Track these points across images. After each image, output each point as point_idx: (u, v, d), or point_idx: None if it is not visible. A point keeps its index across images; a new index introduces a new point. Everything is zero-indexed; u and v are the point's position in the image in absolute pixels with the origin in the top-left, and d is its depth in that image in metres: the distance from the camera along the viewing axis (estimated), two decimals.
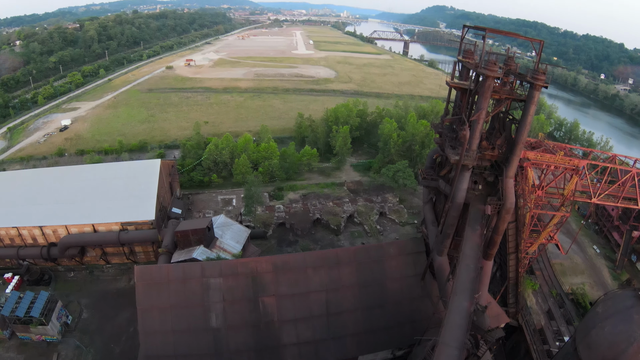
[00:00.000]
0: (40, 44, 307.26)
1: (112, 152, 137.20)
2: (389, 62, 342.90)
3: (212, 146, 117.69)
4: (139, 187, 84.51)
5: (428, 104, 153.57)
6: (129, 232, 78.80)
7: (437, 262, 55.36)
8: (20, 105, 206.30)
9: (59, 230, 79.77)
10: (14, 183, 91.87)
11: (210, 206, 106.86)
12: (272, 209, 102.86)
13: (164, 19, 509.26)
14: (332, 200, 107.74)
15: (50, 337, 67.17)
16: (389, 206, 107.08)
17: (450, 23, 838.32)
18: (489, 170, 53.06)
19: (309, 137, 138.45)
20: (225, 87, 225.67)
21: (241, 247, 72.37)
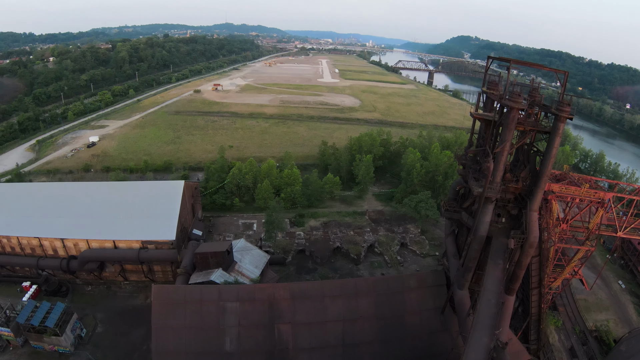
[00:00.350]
0: (73, 61, 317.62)
1: (137, 171, 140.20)
2: (413, 92, 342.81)
3: (236, 170, 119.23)
4: (161, 206, 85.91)
5: (452, 135, 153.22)
6: (149, 250, 79.78)
7: (458, 295, 54.32)
8: (50, 119, 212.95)
9: (80, 244, 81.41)
10: (39, 194, 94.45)
11: (231, 229, 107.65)
12: (293, 236, 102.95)
13: (194, 44, 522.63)
14: (353, 229, 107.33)
15: (63, 348, 68.06)
16: (410, 237, 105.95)
17: (474, 53, 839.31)
18: (513, 203, 52.24)
19: (332, 164, 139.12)
20: (251, 113, 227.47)
21: (259, 272, 72.26)
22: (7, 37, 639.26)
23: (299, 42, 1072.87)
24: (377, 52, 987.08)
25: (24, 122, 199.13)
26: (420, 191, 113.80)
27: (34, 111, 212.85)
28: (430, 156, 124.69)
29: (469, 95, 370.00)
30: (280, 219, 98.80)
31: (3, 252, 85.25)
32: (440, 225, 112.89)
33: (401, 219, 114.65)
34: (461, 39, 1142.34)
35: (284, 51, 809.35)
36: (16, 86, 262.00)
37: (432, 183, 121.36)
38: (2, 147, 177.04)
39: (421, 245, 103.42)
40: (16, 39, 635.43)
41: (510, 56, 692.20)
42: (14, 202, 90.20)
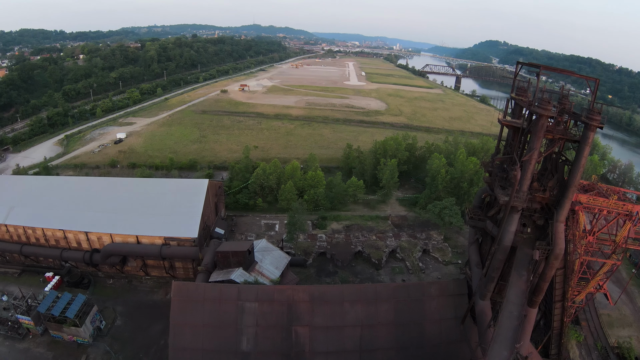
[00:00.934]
0: (102, 59, 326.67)
1: (162, 168, 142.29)
2: (440, 97, 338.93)
3: (260, 170, 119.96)
4: (185, 204, 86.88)
5: (478, 141, 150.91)
6: (171, 247, 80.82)
7: (479, 306, 53.22)
8: (79, 115, 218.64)
9: (104, 238, 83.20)
10: (65, 188, 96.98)
11: (253, 229, 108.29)
12: (314, 238, 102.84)
13: (222, 44, 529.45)
14: (375, 234, 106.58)
15: (81, 339, 69.55)
16: (433, 244, 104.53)
17: (503, 59, 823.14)
18: (539, 213, 50.88)
19: (356, 168, 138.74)
20: (276, 114, 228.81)
21: (280, 273, 72.43)
22: (38, 34, 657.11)
23: (325, 44, 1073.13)
24: (404, 55, 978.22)
25: (53, 117, 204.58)
26: (444, 197, 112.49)
27: (63, 107, 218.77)
28: (455, 162, 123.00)
29: (497, 101, 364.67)
30: (302, 220, 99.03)
31: (28, 243, 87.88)
32: (464, 233, 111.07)
33: (424, 225, 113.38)
34: (489, 43, 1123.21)
35: (311, 53, 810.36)
36: (46, 82, 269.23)
37: (456, 190, 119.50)
38: (31, 140, 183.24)
39: (444, 253, 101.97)
40: (47, 36, 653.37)
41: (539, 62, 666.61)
42: (41, 195, 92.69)
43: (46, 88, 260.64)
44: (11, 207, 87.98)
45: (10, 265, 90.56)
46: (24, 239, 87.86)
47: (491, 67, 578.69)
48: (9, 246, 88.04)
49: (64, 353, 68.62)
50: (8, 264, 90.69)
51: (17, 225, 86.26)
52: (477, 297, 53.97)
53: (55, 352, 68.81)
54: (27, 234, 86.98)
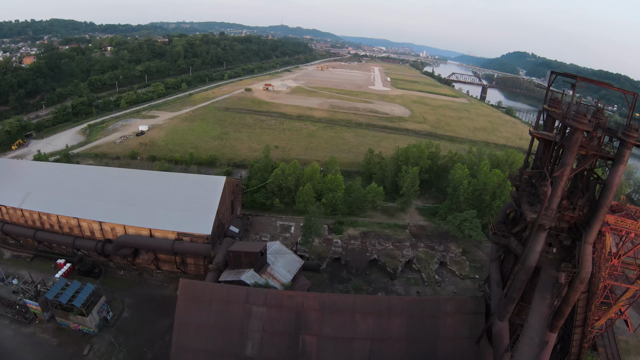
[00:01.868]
0: (129, 52, 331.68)
1: (182, 163, 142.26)
2: (465, 106, 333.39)
3: (279, 171, 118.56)
4: (200, 200, 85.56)
5: (503, 153, 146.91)
6: (184, 242, 79.82)
7: (497, 327, 50.64)
8: (103, 105, 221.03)
9: (117, 229, 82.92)
10: (82, 176, 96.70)
11: (268, 230, 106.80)
12: (330, 243, 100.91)
13: (248, 43, 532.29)
14: (392, 242, 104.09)
15: (87, 328, 69.03)
16: (450, 256, 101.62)
17: (530, 71, 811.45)
18: (566, 233, 48.15)
19: (376, 174, 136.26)
20: (299, 115, 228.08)
21: (292, 277, 70.53)
22: (67, 24, 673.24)
23: (352, 48, 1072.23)
24: (430, 63, 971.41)
25: (78, 106, 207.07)
26: (465, 209, 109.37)
27: (88, 97, 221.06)
28: (478, 174, 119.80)
29: (523, 114, 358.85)
30: (318, 224, 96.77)
31: (42, 229, 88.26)
32: (483, 247, 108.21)
33: (443, 237, 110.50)
34: (517, 54, 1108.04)
35: (337, 56, 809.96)
36: (73, 71, 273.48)
37: (478, 202, 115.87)
38: (55, 128, 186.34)
39: (461, 266, 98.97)
40: (76, 27, 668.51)
41: None
42: (58, 182, 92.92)
43: (72, 77, 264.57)
44: (28, 192, 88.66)
45: (24, 249, 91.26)
46: (38, 224, 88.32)
47: (518, 79, 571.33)
48: (23, 231, 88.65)
49: (68, 341, 68.30)
50: (22, 248, 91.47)
51: (32, 211, 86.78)
52: (495, 317, 51.36)
53: (60, 339, 68.57)
54: (41, 220, 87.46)
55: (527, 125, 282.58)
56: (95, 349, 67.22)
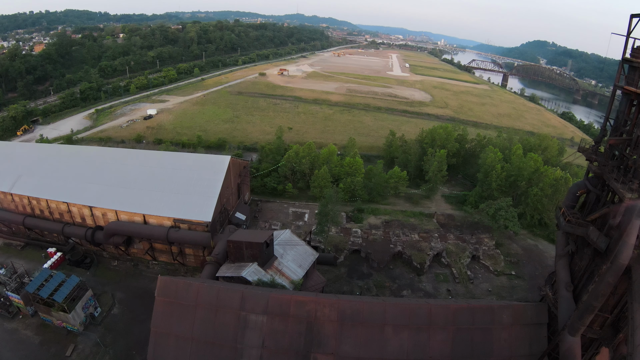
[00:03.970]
0: (141, 38, 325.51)
1: (189, 146, 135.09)
2: (487, 92, 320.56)
3: (292, 153, 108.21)
4: (201, 182, 75.49)
5: (535, 138, 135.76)
6: (180, 230, 70.02)
7: (567, 344, 39.04)
8: (112, 91, 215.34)
9: (109, 214, 73.94)
10: (77, 158, 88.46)
11: (279, 217, 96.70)
12: (348, 233, 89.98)
13: (263, 30, 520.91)
14: (419, 233, 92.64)
15: (71, 326, 61.26)
16: (483, 249, 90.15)
17: (551, 59, 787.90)
18: None
19: (399, 158, 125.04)
20: (315, 99, 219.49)
21: (303, 273, 59.45)
22: (82, 14, 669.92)
23: (369, 35, 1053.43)
24: (448, 51, 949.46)
25: (86, 91, 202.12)
26: (497, 197, 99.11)
27: (97, 82, 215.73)
28: (512, 158, 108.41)
29: (545, 102, 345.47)
30: (336, 211, 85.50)
31: (32, 215, 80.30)
32: (517, 240, 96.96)
33: (473, 227, 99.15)
34: (537, 43, 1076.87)
35: (354, 43, 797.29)
36: (84, 58, 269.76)
37: (511, 189, 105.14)
38: (62, 113, 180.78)
39: (495, 261, 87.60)
40: (91, 17, 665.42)
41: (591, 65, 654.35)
42: (50, 164, 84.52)
43: (83, 64, 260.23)
44: (19, 175, 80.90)
45: (16, 237, 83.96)
46: (28, 210, 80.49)
47: (540, 67, 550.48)
48: (13, 216, 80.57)
49: (51, 339, 60.62)
50: (14, 236, 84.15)
51: (22, 195, 78.83)
52: (565, 331, 39.65)
53: (42, 337, 61.04)
54: (31, 205, 79.59)
55: (552, 113, 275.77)
56: (79, 349, 59.22)
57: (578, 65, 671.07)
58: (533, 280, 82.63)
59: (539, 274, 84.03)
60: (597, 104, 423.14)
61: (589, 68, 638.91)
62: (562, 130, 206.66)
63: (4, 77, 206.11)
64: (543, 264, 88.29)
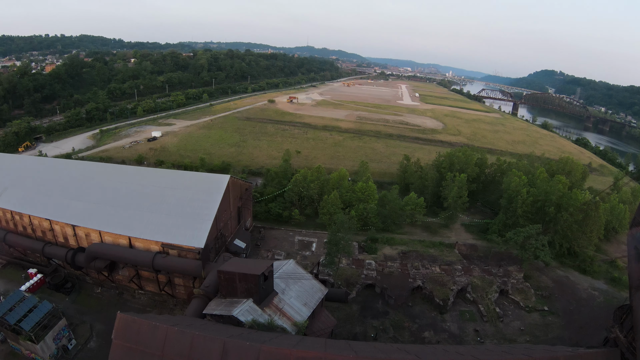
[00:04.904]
0: (152, 63, 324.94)
1: (191, 169, 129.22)
2: (499, 120, 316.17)
3: (300, 177, 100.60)
4: (195, 204, 67.58)
5: (558, 161, 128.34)
6: (168, 257, 61.44)
7: None
8: (118, 112, 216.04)
9: (92, 235, 66.52)
10: (66, 172, 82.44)
11: (283, 246, 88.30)
12: (361, 265, 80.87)
13: (274, 60, 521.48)
14: (440, 265, 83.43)
15: (40, 358, 53.98)
16: (512, 282, 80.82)
17: (559, 88, 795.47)
18: None
19: (414, 183, 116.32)
20: (324, 125, 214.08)
21: (309, 312, 49.87)
22: (96, 40, 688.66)
23: (378, 67, 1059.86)
24: (457, 82, 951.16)
25: (92, 112, 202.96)
26: (523, 224, 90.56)
27: (104, 103, 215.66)
28: (537, 182, 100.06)
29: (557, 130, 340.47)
30: (348, 239, 76.46)
31: (15, 231, 74.23)
32: (547, 271, 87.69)
33: (498, 258, 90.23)
34: (545, 73, 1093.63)
35: (363, 74, 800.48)
36: (94, 80, 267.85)
37: (538, 215, 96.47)
38: (66, 132, 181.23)
39: (525, 296, 78.21)
40: (105, 43, 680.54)
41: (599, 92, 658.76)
42: (39, 177, 78.90)
43: (93, 86, 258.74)
44: (5, 188, 75.78)
45: None
46: (11, 225, 74.85)
47: (549, 96, 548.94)
48: None
49: None
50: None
51: (5, 209, 73.34)
52: None
53: None
54: (14, 220, 73.86)
55: (565, 140, 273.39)
56: None
57: (587, 93, 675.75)
58: (568, 316, 74.49)
59: (574, 309, 76.23)
60: (609, 130, 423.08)
61: (597, 95, 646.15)
62: (578, 157, 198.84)
63: (12, 94, 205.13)
64: (576, 297, 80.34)
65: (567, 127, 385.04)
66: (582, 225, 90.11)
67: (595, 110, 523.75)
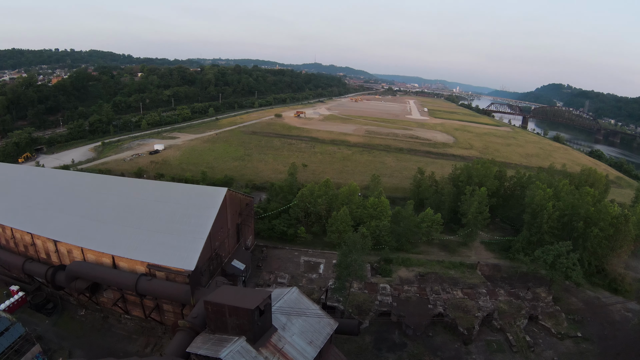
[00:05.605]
0: (159, 77, 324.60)
1: (192, 182, 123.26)
2: (510, 134, 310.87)
3: (307, 191, 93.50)
4: (187, 220, 60.16)
5: (582, 173, 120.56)
6: (153, 280, 53.99)
7: None
8: (122, 125, 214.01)
9: (74, 252, 59.93)
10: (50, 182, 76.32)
11: (287, 268, 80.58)
12: (374, 289, 73.00)
13: (281, 76, 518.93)
14: (462, 289, 75.52)
15: None
16: (541, 306, 72.76)
17: (567, 102, 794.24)
18: None
19: (429, 199, 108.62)
20: (332, 139, 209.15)
21: (315, 353, 41.20)
22: (106, 55, 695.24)
23: (385, 84, 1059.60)
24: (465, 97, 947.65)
25: (95, 124, 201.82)
26: (549, 241, 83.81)
27: (108, 115, 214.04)
28: (561, 195, 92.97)
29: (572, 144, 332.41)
30: (360, 262, 67.74)
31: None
32: (577, 292, 79.81)
33: (523, 279, 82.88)
34: (552, 87, 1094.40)
35: (371, 90, 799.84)
36: (100, 93, 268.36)
37: (565, 231, 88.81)
38: (68, 144, 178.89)
39: (557, 321, 70.44)
40: (114, 59, 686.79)
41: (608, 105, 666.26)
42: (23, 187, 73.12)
43: (98, 99, 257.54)
44: None
45: None
46: None
47: (558, 109, 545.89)
48: None
49: None
50: None
51: None
52: None
53: None
54: None
55: (579, 152, 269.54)
56: None
57: (595, 105, 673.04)
58: (603, 342, 67.01)
59: (608, 334, 69.03)
60: (619, 142, 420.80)
61: (606, 108, 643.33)
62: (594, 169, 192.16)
63: (16, 105, 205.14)
64: (610, 320, 73.54)
65: (577, 140, 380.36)
66: (611, 241, 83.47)
67: (605, 123, 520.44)
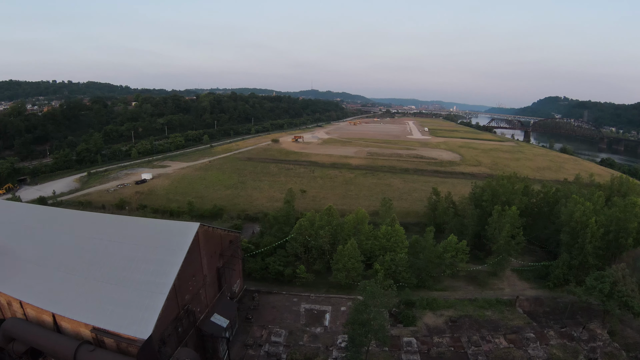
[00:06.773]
0: (153, 106, 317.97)
1: (178, 214, 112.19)
2: (516, 148, 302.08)
3: (306, 221, 78.29)
4: (147, 266, 44.90)
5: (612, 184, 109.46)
6: (96, 351, 37.94)
7: None
8: (111, 154, 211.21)
9: (14, 306, 45.02)
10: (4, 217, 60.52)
11: (284, 320, 64.46)
12: (397, 345, 57.42)
13: (278, 102, 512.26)
14: (505, 334, 60.63)
15: None
16: (599, 346, 58.37)
17: (565, 113, 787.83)
18: None
19: (449, 223, 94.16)
20: (333, 163, 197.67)
21: None
22: (103, 87, 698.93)
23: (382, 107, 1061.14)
24: (463, 116, 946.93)
25: (82, 153, 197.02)
26: (594, 264, 72.84)
27: (96, 144, 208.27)
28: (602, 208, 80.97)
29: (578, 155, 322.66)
30: (383, 319, 50.00)
31: None
32: (631, 322, 65.38)
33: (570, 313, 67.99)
34: (549, 100, 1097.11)
35: (369, 113, 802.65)
36: (91, 122, 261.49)
37: (610, 251, 76.85)
38: (52, 174, 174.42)
39: None
40: (112, 90, 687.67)
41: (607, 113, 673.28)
42: None
43: (90, 128, 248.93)
44: None
45: None
46: None
47: (558, 121, 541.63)
48: None
49: None
50: None
51: None
52: None
53: None
54: None
55: (590, 162, 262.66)
56: None
57: (594, 115, 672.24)
58: None
59: None
60: (624, 150, 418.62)
61: (606, 116, 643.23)
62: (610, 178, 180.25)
63: (3, 134, 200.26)
64: None
65: (581, 151, 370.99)
66: None
67: (607, 131, 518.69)
